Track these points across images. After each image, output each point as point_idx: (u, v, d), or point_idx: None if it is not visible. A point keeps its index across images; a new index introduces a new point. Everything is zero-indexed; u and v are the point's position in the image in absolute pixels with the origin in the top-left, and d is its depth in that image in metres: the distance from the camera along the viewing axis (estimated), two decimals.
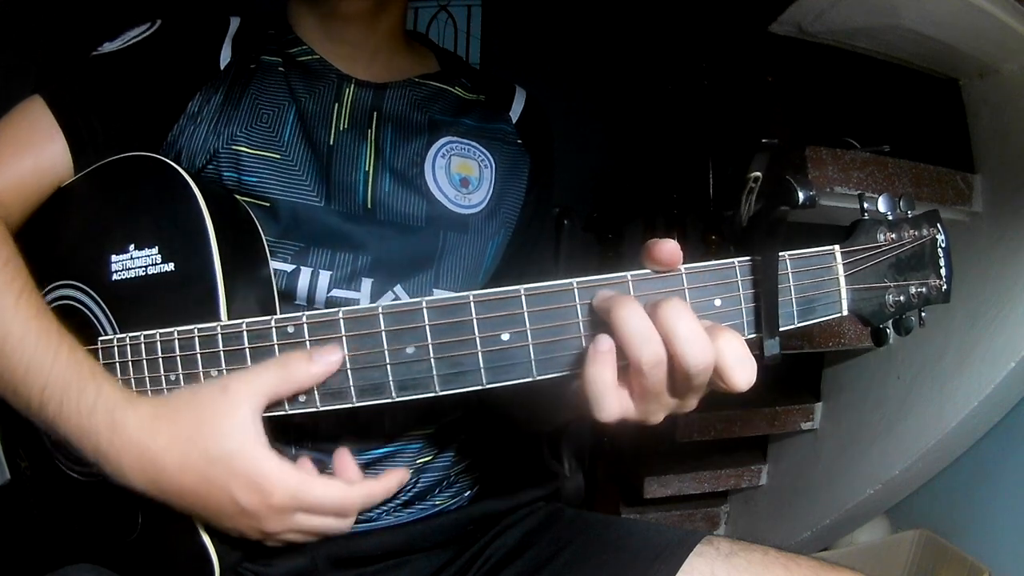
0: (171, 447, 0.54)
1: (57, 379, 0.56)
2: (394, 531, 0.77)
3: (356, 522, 0.75)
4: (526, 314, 0.52)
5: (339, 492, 0.57)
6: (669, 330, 0.49)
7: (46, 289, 0.68)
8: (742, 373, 0.50)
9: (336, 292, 0.73)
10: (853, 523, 1.53)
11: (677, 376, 0.50)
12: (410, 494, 0.78)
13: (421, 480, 0.79)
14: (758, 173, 0.59)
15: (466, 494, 0.85)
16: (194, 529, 0.58)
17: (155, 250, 0.61)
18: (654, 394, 0.51)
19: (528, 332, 0.52)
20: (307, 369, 0.54)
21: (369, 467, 0.76)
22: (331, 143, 0.77)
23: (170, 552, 0.61)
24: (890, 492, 1.43)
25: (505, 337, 0.52)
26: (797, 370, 1.67)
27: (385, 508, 0.77)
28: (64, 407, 0.56)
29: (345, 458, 0.60)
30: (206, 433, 0.54)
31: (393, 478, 0.61)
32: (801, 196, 0.51)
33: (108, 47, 0.75)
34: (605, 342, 0.50)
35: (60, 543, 0.69)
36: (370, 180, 0.77)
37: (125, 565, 0.64)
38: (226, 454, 0.54)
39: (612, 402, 0.51)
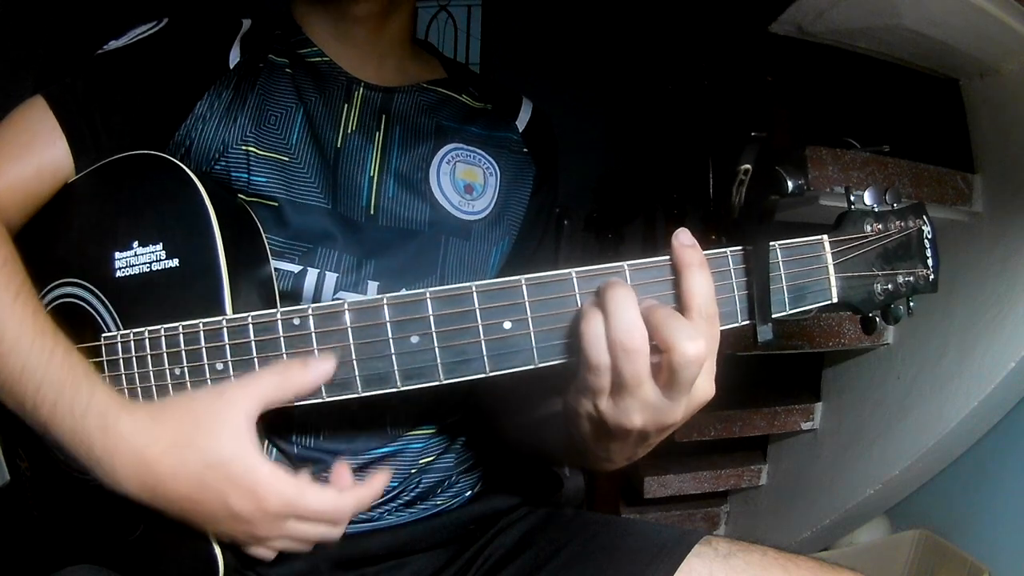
0: (167, 452, 0.55)
1: (52, 380, 0.56)
2: (395, 531, 0.77)
3: (358, 522, 0.76)
4: (527, 303, 0.53)
5: (332, 498, 0.58)
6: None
7: (50, 287, 0.68)
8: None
9: (342, 294, 0.73)
10: (853, 523, 1.53)
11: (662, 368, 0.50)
12: (412, 494, 0.78)
13: (423, 481, 0.79)
14: (748, 165, 0.60)
15: (467, 494, 0.85)
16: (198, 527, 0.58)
17: (159, 246, 0.61)
18: (629, 388, 0.51)
19: (529, 320, 0.53)
20: (302, 375, 0.55)
21: (371, 466, 0.76)
22: (338, 145, 0.77)
23: (173, 551, 0.61)
24: (890, 492, 1.44)
25: (507, 325, 0.53)
26: (797, 370, 1.67)
27: (387, 508, 0.77)
28: (58, 408, 0.56)
29: (342, 469, 0.61)
30: (202, 438, 0.55)
31: (378, 480, 0.61)
32: (790, 185, 0.53)
33: (113, 45, 0.75)
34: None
35: (60, 544, 0.69)
36: (374, 185, 0.77)
37: (127, 565, 0.64)
38: (222, 459, 0.54)
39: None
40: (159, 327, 0.59)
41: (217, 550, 0.58)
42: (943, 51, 1.24)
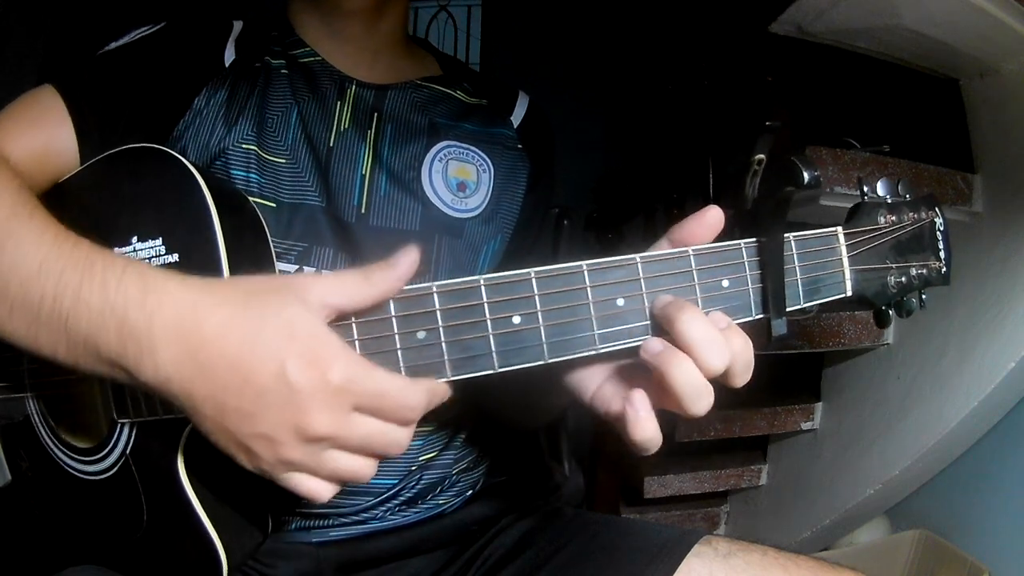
0: (221, 305, 0.48)
1: (77, 263, 0.51)
2: (399, 533, 0.77)
3: (361, 523, 0.76)
4: (537, 297, 0.51)
5: (402, 383, 0.49)
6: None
7: None
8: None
9: None
10: (853, 523, 1.53)
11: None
12: (413, 491, 0.78)
13: (424, 477, 0.79)
14: (762, 155, 0.60)
15: (467, 494, 0.85)
16: (202, 526, 0.57)
17: (159, 241, 0.60)
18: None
19: (539, 314, 0.51)
20: (384, 273, 0.50)
21: None
22: (331, 144, 0.77)
23: (177, 550, 0.61)
24: (890, 492, 1.44)
25: (516, 320, 0.51)
26: (797, 370, 1.67)
27: (388, 507, 0.77)
28: (84, 288, 0.49)
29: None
30: (269, 295, 0.48)
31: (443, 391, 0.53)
32: (806, 176, 0.52)
33: (113, 45, 0.76)
34: (656, 344, 0.51)
35: (63, 544, 0.69)
36: (366, 183, 0.77)
37: (129, 565, 0.63)
38: (289, 316, 0.47)
39: (707, 397, 0.51)
40: None
41: (220, 546, 0.58)
42: (943, 51, 1.24)
